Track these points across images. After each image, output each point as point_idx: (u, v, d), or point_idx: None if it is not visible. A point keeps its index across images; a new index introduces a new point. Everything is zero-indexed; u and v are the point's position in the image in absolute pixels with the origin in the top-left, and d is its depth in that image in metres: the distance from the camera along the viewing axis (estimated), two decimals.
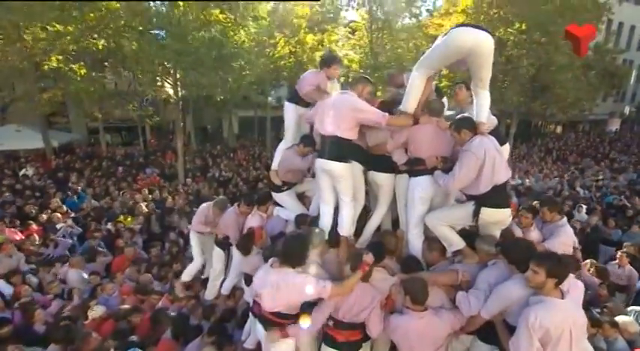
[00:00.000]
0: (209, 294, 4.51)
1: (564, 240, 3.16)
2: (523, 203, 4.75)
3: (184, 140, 17.55)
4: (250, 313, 3.24)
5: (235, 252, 4.09)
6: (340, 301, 2.49)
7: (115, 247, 6.54)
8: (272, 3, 13.18)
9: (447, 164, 2.79)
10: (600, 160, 15.46)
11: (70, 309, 4.36)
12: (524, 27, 13.22)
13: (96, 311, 4.09)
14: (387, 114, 2.79)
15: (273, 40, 16.06)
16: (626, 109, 27.06)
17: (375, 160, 3.11)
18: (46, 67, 9.46)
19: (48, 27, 8.83)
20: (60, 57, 9.41)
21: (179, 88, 11.60)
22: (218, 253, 4.38)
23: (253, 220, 3.85)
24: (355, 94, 2.91)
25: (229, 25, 10.64)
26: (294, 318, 2.56)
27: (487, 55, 2.54)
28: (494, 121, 3.01)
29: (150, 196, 9.65)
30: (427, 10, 17.30)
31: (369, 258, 2.48)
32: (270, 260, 2.61)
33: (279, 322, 2.54)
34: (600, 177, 11.46)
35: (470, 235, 2.79)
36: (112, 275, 5.32)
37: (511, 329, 2.21)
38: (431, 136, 2.86)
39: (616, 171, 12.86)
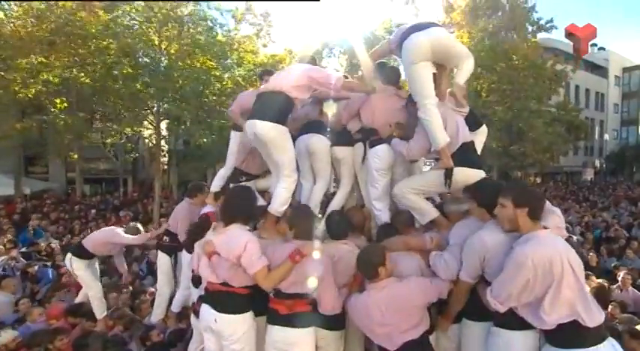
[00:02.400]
0: (155, 315, 3.79)
1: (557, 222, 2.83)
2: None
3: (166, 192, 17.21)
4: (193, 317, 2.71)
5: (185, 257, 3.55)
6: None
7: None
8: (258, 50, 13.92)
9: (404, 131, 2.59)
10: (582, 202, 15.73)
11: None
12: (495, 78, 14.50)
13: (4, 336, 3.30)
14: (342, 77, 2.62)
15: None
16: (597, 162, 29.40)
17: (333, 134, 2.87)
18: (22, 95, 9.39)
19: (33, 57, 8.98)
20: (42, 88, 9.41)
21: (161, 126, 11.64)
22: (163, 262, 3.79)
23: (207, 209, 3.40)
24: None
25: (214, 68, 11.11)
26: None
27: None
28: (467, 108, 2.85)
29: None
30: None
31: (306, 248, 2.12)
32: (214, 225, 2.21)
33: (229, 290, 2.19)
34: (585, 216, 11.50)
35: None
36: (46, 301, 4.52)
37: None
38: (384, 103, 2.68)
39: (600, 210, 12.97)
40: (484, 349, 1.96)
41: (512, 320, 1.78)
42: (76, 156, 12.97)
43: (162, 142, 15.22)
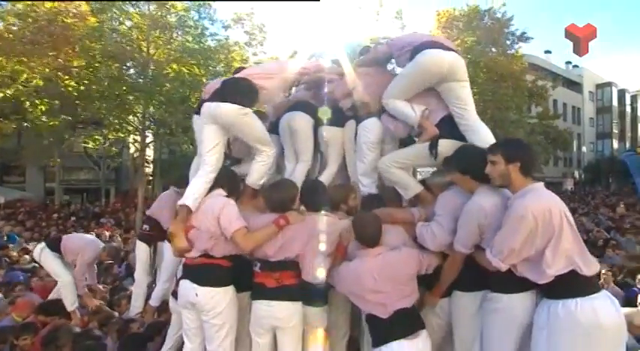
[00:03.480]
0: (133, 308, 3.61)
1: None
2: None
3: (150, 202, 16.81)
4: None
5: (167, 247, 3.43)
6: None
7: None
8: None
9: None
10: None
11: None
12: (476, 89, 14.96)
13: None
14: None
15: None
16: (576, 173, 30.57)
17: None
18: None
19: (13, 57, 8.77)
20: (22, 88, 9.13)
21: (146, 134, 11.46)
22: (141, 252, 3.61)
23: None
24: None
25: (202, 74, 11.09)
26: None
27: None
28: None
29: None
30: None
31: (292, 217, 2.10)
32: None
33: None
34: None
35: None
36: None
37: None
38: (374, 78, 2.70)
39: (580, 215, 13.33)
40: (476, 319, 1.93)
41: (509, 284, 1.77)
42: (57, 161, 12.58)
43: (148, 151, 14.98)
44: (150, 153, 19.56)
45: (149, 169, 19.48)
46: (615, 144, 33.45)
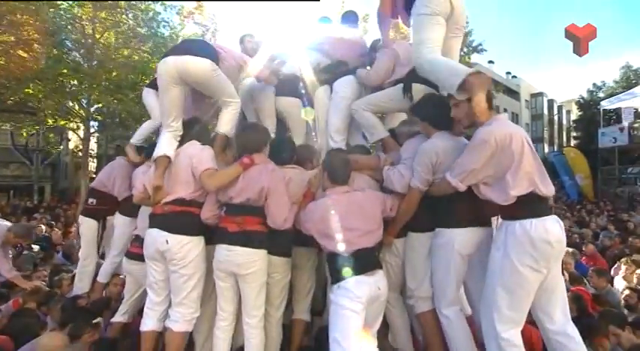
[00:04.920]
0: (78, 289, 3.33)
1: None
2: None
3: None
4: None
5: (119, 220, 3.24)
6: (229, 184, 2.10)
7: None
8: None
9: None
10: None
11: None
12: None
13: None
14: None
15: None
16: None
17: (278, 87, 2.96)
18: None
19: None
20: None
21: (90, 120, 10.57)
22: (88, 228, 3.35)
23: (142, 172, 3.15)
24: None
25: (154, 61, 10.49)
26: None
27: None
28: None
29: None
30: None
31: (258, 157, 2.14)
32: None
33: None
34: None
35: None
36: None
37: None
38: (348, 37, 2.92)
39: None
40: (428, 259, 2.09)
41: (453, 219, 1.96)
42: None
43: (91, 145, 13.81)
44: (93, 147, 18.11)
45: (92, 165, 17.99)
46: (546, 148, 37.26)
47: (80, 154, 18.47)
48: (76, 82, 10.01)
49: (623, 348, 2.34)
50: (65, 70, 9.12)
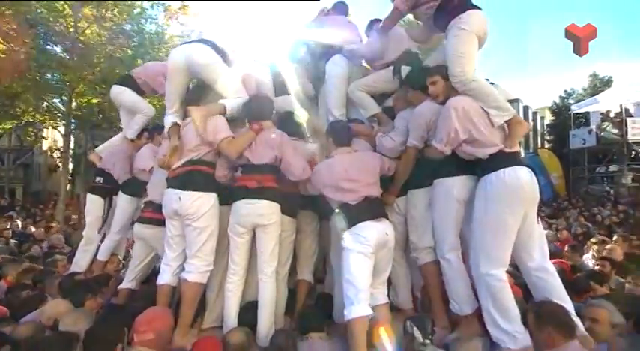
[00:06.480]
0: (77, 264, 3.31)
1: None
2: None
3: (73, 201, 15.01)
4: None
5: (121, 199, 3.27)
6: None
7: None
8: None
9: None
10: None
11: None
12: None
13: None
14: None
15: None
16: None
17: None
18: None
19: None
20: None
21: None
22: (95, 206, 3.38)
23: (147, 154, 3.19)
24: None
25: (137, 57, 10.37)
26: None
27: None
28: None
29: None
30: None
31: (265, 124, 2.34)
32: None
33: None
34: None
35: None
36: None
37: None
38: (338, 21, 3.13)
39: None
40: (428, 212, 2.30)
41: (449, 170, 2.19)
42: None
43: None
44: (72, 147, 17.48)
45: (69, 166, 17.36)
46: (522, 152, 38.91)
47: (54, 155, 17.77)
48: (57, 75, 9.76)
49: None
50: (48, 63, 8.89)
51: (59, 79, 9.85)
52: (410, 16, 2.99)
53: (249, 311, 2.22)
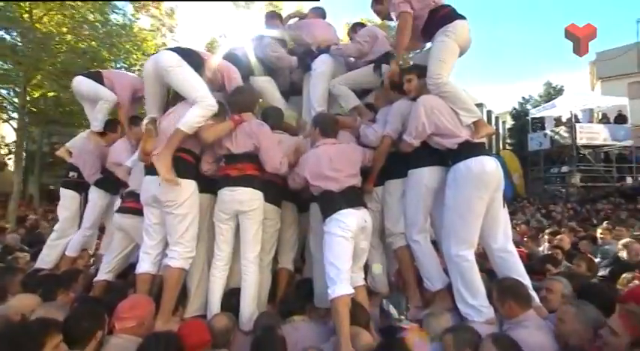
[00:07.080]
0: (44, 260, 3.16)
1: None
2: None
3: (25, 202, 13.98)
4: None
5: (93, 194, 3.17)
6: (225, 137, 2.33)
7: None
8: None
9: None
10: None
11: None
12: None
13: None
14: None
15: None
16: None
17: None
18: None
19: None
20: None
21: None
22: (71, 201, 3.28)
23: (121, 148, 3.12)
24: None
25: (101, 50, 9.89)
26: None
27: None
28: None
29: None
30: None
31: (246, 116, 2.38)
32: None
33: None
34: None
35: None
36: None
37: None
38: (322, 23, 3.30)
39: None
40: (402, 200, 2.46)
41: (420, 160, 2.37)
42: None
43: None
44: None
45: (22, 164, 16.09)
46: None
47: (1, 151, 16.39)
48: (8, 64, 9.11)
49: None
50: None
51: (12, 69, 9.19)
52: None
53: (232, 297, 2.26)
